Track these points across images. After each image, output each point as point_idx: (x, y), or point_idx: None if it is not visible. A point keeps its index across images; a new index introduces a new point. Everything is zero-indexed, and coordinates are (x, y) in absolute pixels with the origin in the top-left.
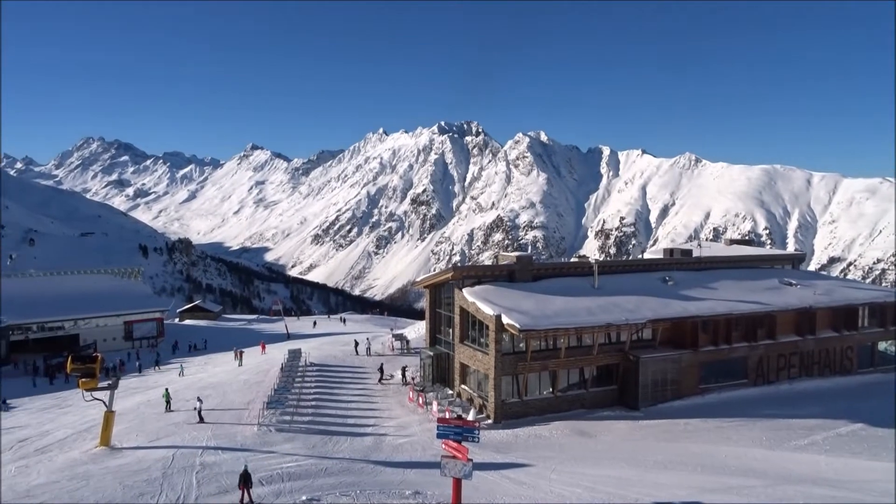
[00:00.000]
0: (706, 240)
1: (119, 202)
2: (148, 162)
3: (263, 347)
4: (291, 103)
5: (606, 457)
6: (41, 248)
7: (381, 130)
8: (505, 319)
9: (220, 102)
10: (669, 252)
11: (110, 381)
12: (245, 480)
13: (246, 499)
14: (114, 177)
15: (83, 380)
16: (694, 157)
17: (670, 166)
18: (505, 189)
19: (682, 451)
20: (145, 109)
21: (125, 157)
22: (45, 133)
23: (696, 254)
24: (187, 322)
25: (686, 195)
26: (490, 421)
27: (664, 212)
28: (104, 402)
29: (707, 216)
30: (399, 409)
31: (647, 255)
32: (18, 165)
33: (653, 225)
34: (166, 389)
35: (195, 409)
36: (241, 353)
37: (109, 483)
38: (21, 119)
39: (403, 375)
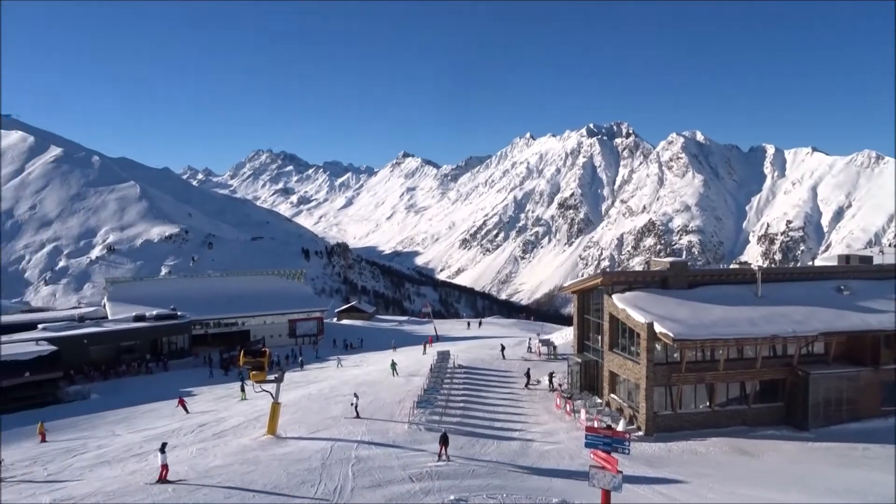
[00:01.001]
0: (889, 245)
1: (284, 209)
2: (310, 171)
3: (431, 342)
4: (441, 110)
5: (771, 479)
6: (218, 252)
7: (528, 135)
8: (657, 328)
9: (374, 114)
10: (845, 259)
11: (277, 375)
12: (444, 440)
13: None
14: (280, 185)
15: (253, 372)
16: (874, 154)
17: (846, 165)
18: (657, 192)
19: (859, 480)
20: (307, 123)
21: (290, 167)
22: (222, 146)
23: (877, 261)
24: (344, 322)
25: (864, 196)
26: (641, 433)
27: (838, 214)
28: (271, 394)
29: (890, 219)
30: (546, 416)
31: (817, 262)
32: (200, 176)
33: (824, 229)
34: (392, 361)
35: (352, 404)
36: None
37: (275, 469)
38: (202, 134)
39: (550, 381)
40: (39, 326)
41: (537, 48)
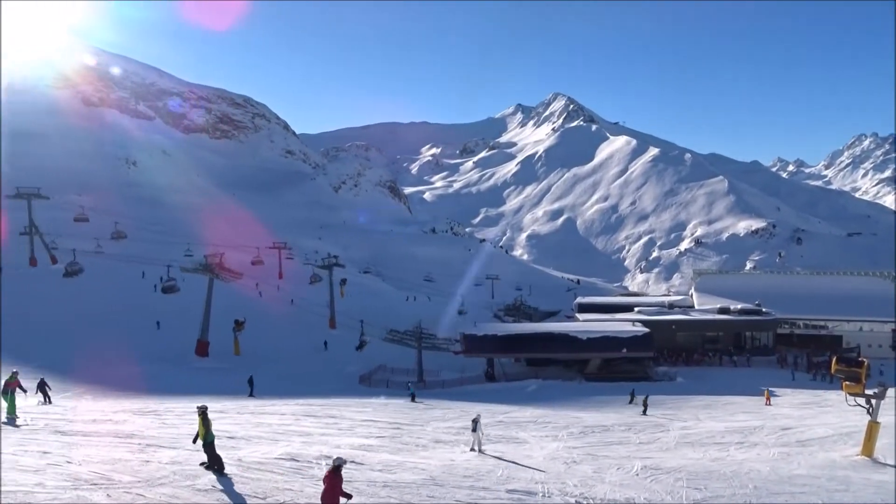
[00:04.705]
0: None
1: (890, 201)
2: None
3: None
4: None
5: None
6: (807, 247)
7: None
8: None
9: None
10: None
11: (878, 390)
12: None
13: None
14: (887, 173)
15: (847, 383)
16: None
17: None
18: None
19: None
20: None
21: None
22: (816, 135)
23: None
24: None
25: None
26: None
27: None
28: (868, 410)
29: None
30: None
31: None
32: (790, 168)
33: None
34: None
35: None
36: None
37: (869, 496)
38: (795, 125)
39: None
40: (635, 309)
41: None
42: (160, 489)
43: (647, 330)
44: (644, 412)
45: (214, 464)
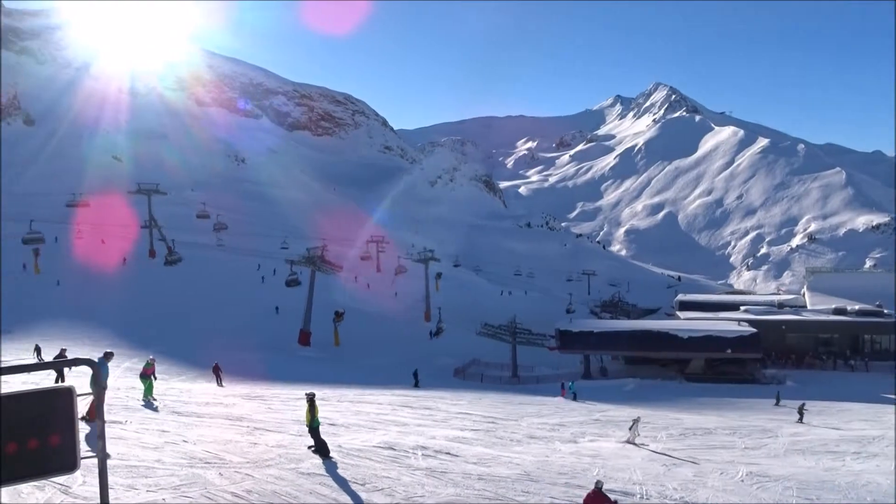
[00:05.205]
0: None
1: None
2: None
3: None
4: None
5: None
6: None
7: None
8: None
9: None
10: None
11: None
12: None
13: None
14: None
15: None
16: None
17: None
18: None
19: None
20: None
21: None
22: None
23: None
24: None
25: None
26: None
27: None
28: None
29: None
30: None
31: None
32: None
33: None
34: None
35: None
36: None
37: None
38: None
39: None
40: (741, 308)
41: None
42: (267, 470)
43: (754, 330)
44: (800, 420)
45: (319, 448)
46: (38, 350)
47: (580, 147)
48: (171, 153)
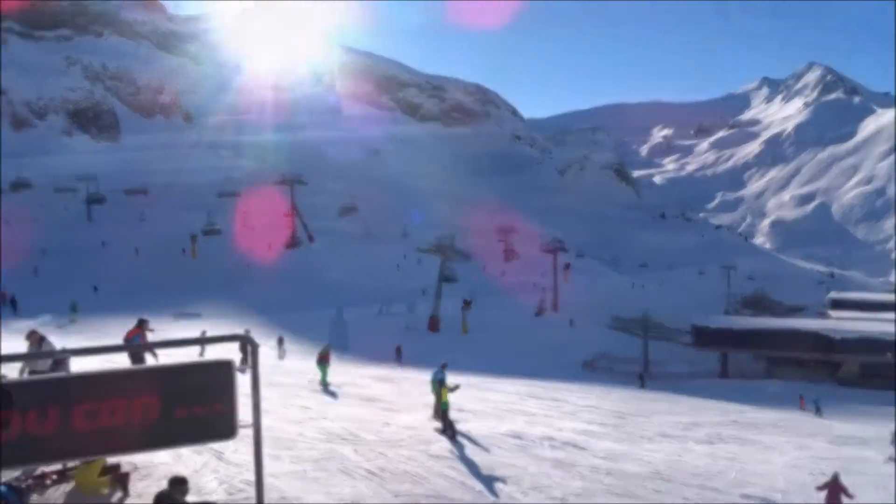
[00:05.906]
0: None
1: None
2: None
3: None
4: None
5: None
6: None
7: None
8: None
9: None
10: None
11: None
12: None
13: None
14: None
15: None
16: None
17: None
18: None
19: None
20: None
21: None
22: None
23: None
24: None
25: None
26: None
27: None
28: None
29: None
30: None
31: None
32: None
33: None
34: None
35: None
36: None
37: None
38: None
39: None
40: None
41: None
42: (399, 450)
43: None
44: None
45: (448, 429)
46: (280, 341)
47: (721, 133)
48: (313, 145)
